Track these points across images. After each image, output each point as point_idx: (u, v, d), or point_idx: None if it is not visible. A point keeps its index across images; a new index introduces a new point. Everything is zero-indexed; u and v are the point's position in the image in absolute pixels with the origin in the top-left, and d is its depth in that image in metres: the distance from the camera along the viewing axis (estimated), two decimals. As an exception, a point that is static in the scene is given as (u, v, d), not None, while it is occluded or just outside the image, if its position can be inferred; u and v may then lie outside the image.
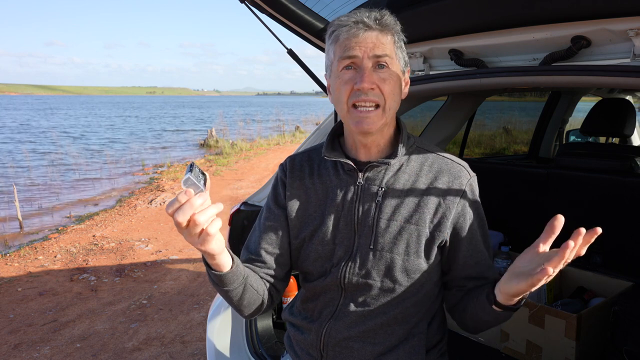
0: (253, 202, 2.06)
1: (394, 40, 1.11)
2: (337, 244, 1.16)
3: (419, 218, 1.11)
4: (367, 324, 1.15)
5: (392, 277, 1.11)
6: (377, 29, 1.07)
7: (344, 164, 1.18)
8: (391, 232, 1.12)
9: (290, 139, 18.48)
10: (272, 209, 1.25)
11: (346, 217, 1.16)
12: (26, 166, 12.37)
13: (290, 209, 1.22)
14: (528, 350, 1.86)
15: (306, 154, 1.29)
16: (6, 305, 4.05)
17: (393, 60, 1.09)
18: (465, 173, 1.17)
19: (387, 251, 1.11)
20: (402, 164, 1.17)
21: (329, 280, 1.16)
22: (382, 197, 1.14)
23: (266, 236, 1.23)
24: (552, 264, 0.87)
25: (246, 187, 8.78)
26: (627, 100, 2.64)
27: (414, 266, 1.11)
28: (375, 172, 1.16)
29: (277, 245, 1.22)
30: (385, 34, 1.08)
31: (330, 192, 1.19)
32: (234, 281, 1.07)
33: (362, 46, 1.06)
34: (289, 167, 1.27)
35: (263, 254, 1.21)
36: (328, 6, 1.73)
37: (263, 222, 1.25)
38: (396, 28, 1.11)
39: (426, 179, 1.15)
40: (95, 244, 5.69)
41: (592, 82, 1.33)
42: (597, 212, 2.25)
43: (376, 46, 1.06)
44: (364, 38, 1.06)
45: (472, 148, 4.24)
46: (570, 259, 0.88)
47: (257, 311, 1.20)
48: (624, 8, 1.21)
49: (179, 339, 3.39)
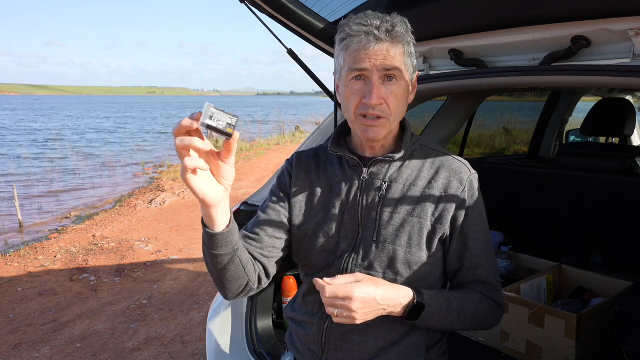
0: (253, 202, 2.06)
1: (404, 51, 1.10)
2: (341, 237, 1.18)
3: (421, 211, 1.14)
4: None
5: (394, 269, 1.13)
6: (387, 41, 1.07)
7: (349, 159, 1.21)
8: (394, 224, 1.14)
9: (290, 139, 18.47)
10: (275, 193, 1.27)
11: (350, 211, 1.18)
12: (26, 166, 12.38)
13: (294, 199, 1.24)
14: (528, 350, 1.86)
15: (313, 151, 1.32)
16: (6, 305, 4.05)
17: (402, 72, 1.10)
18: (465, 170, 1.19)
19: (390, 243, 1.13)
20: (406, 160, 1.20)
21: (331, 272, 1.17)
22: (385, 191, 1.17)
23: (266, 217, 1.24)
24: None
25: (246, 187, 8.77)
26: (627, 100, 2.64)
27: (415, 258, 1.13)
28: (380, 167, 1.19)
29: (275, 227, 1.22)
30: (395, 45, 1.08)
31: (335, 187, 1.22)
32: (223, 246, 1.03)
33: (372, 59, 1.06)
34: (296, 161, 1.30)
35: (260, 233, 1.21)
36: (328, 6, 1.73)
37: (265, 205, 1.26)
38: (407, 39, 1.11)
39: (428, 174, 1.18)
40: (95, 244, 5.69)
41: (592, 82, 1.33)
42: (597, 212, 2.25)
43: (386, 59, 1.07)
44: (374, 51, 1.06)
45: (472, 148, 4.24)
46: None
47: (240, 292, 1.17)
48: (624, 8, 1.21)
49: (179, 339, 3.39)
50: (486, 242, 1.19)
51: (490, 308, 1.18)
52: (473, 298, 1.16)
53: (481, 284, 1.19)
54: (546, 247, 2.41)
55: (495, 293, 1.20)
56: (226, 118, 0.86)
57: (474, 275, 1.18)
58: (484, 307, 1.17)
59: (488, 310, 1.18)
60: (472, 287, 1.19)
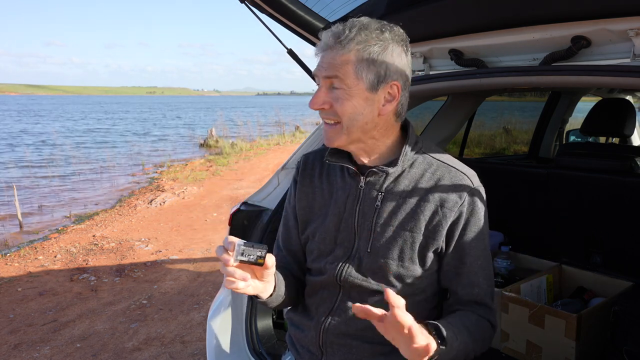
0: (253, 202, 2.06)
1: (356, 58, 1.04)
2: (337, 244, 1.19)
3: (414, 225, 1.12)
4: (365, 321, 1.15)
5: (387, 281, 1.13)
6: (334, 48, 1.06)
7: (347, 168, 1.20)
8: (386, 237, 1.13)
9: (290, 139, 18.46)
10: (286, 208, 1.34)
11: (347, 220, 1.18)
12: (26, 166, 12.37)
13: (299, 206, 1.28)
14: (528, 350, 1.86)
15: (319, 153, 1.32)
16: (6, 305, 4.05)
17: (347, 80, 1.05)
18: (468, 182, 1.14)
19: (382, 256, 1.13)
20: (405, 169, 1.16)
21: (326, 277, 1.19)
22: (381, 202, 1.15)
23: (286, 236, 1.33)
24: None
25: (246, 187, 8.77)
26: (627, 100, 2.64)
27: (408, 272, 1.12)
28: (376, 177, 1.17)
29: (296, 243, 1.31)
30: (342, 53, 1.04)
31: (334, 194, 1.22)
32: (273, 302, 1.18)
33: (320, 66, 1.09)
34: (302, 166, 1.32)
35: (286, 253, 1.32)
36: (328, 6, 1.73)
37: (282, 223, 1.35)
38: (356, 47, 1.04)
39: (426, 185, 1.14)
40: (95, 244, 5.69)
41: (592, 82, 1.33)
42: (597, 212, 2.24)
43: (330, 66, 1.07)
44: (322, 58, 1.09)
45: (472, 148, 4.24)
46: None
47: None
48: (624, 8, 1.21)
49: (179, 339, 3.39)
50: (485, 261, 1.15)
51: (487, 330, 1.14)
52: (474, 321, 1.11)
53: (478, 305, 1.14)
54: (546, 247, 2.40)
55: (491, 315, 1.15)
56: (256, 252, 0.98)
57: (470, 294, 1.14)
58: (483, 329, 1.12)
59: (486, 332, 1.13)
60: (469, 309, 1.13)
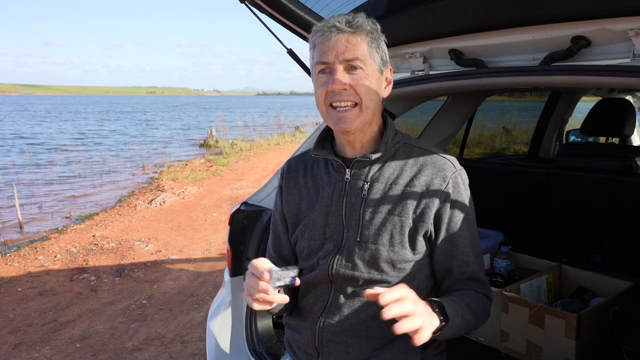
0: (253, 201, 2.06)
1: (368, 41, 1.12)
2: (327, 239, 1.21)
3: (402, 209, 1.14)
4: (359, 315, 1.17)
5: (378, 268, 1.14)
6: (348, 32, 1.10)
7: (333, 162, 1.23)
8: (375, 224, 1.15)
9: (290, 139, 18.47)
10: (274, 215, 1.36)
11: (335, 213, 1.20)
12: (26, 166, 12.37)
13: (287, 208, 1.30)
14: (528, 350, 1.86)
15: (302, 156, 1.36)
16: (6, 305, 4.05)
17: (366, 61, 1.12)
18: (450, 166, 1.18)
19: (372, 242, 1.14)
20: (388, 159, 1.20)
21: (318, 273, 1.20)
22: (367, 191, 1.18)
23: (277, 242, 1.35)
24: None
25: (246, 187, 8.78)
26: (627, 100, 2.63)
27: (399, 257, 1.14)
28: (361, 168, 1.20)
29: (287, 248, 1.33)
30: (356, 35, 1.11)
31: (320, 189, 1.25)
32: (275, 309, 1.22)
33: (333, 50, 1.10)
34: (286, 170, 1.35)
35: (278, 260, 1.32)
36: (328, 6, 1.73)
37: (272, 230, 1.37)
38: (368, 29, 1.13)
39: (410, 172, 1.18)
40: (95, 244, 5.69)
41: (592, 82, 1.33)
42: (597, 212, 2.24)
43: (347, 49, 1.10)
44: (335, 42, 1.10)
45: (472, 148, 4.24)
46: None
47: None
48: (624, 8, 1.21)
49: (179, 338, 3.40)
50: (473, 239, 1.19)
51: (485, 304, 1.19)
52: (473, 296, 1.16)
53: (473, 281, 1.18)
54: (546, 247, 2.41)
55: (486, 289, 1.21)
56: (289, 274, 1.10)
57: (464, 273, 1.18)
58: (482, 303, 1.18)
59: (485, 305, 1.19)
60: (465, 286, 1.18)
